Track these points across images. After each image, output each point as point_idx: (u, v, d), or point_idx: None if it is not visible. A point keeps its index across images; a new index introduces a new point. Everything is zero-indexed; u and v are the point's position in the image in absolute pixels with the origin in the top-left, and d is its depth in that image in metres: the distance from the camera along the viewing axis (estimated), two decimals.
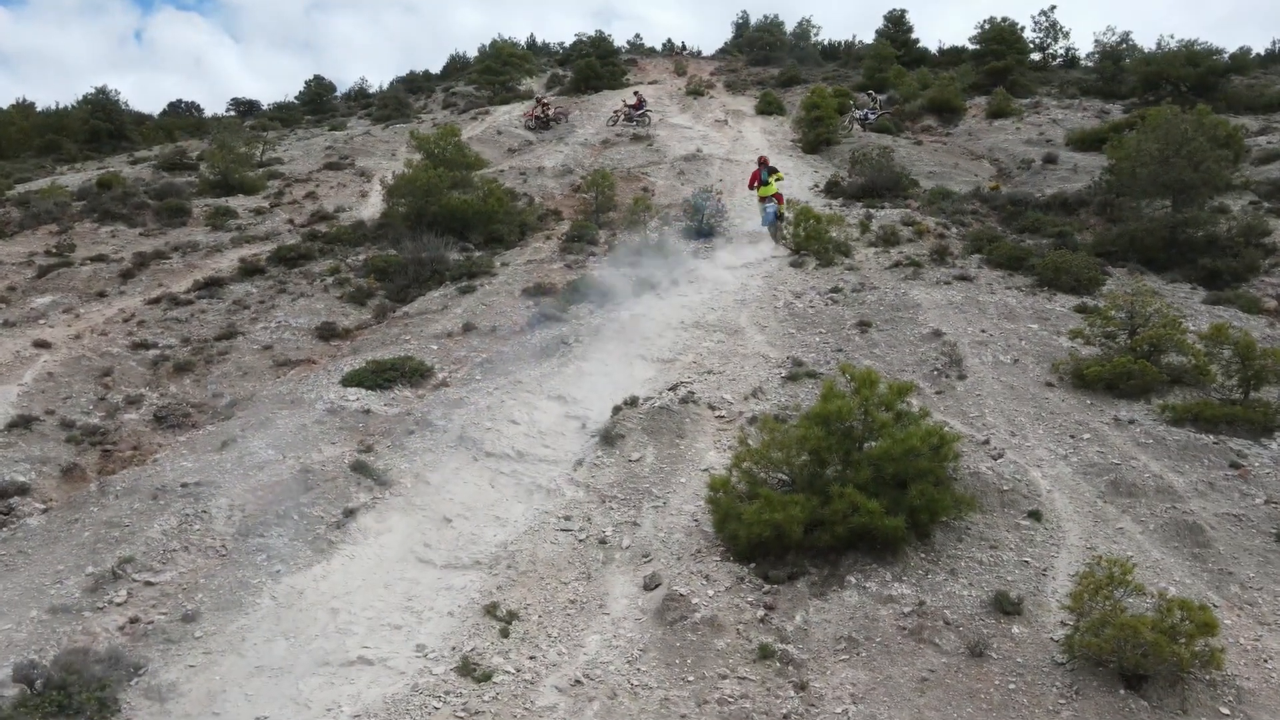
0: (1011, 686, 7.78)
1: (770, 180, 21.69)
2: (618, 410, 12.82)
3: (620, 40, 57.09)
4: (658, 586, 9.41)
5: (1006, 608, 8.59)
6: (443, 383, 15.21)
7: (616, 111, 37.53)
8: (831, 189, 25.95)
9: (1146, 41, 53.57)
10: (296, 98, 54.29)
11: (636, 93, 38.36)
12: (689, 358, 15.18)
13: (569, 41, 58.54)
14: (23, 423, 14.14)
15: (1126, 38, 39.70)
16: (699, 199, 22.23)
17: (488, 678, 8.15)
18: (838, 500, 9.31)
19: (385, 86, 58.10)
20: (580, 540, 10.35)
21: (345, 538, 10.44)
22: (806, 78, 44.27)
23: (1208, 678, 7.72)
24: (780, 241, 20.05)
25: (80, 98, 54.48)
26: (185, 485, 11.52)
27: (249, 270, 20.87)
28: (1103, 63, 39.41)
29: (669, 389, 13.70)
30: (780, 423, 11.05)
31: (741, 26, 62.06)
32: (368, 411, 14.00)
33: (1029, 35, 44.93)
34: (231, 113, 56.47)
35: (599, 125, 37.35)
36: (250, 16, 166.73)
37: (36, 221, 26.01)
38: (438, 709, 7.78)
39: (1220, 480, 10.67)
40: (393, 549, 10.37)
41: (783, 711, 7.76)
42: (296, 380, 15.62)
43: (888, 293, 17.30)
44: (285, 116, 50.41)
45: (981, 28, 41.14)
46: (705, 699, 7.92)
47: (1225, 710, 7.48)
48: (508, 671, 8.26)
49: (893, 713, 7.64)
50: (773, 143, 34.16)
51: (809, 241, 19.68)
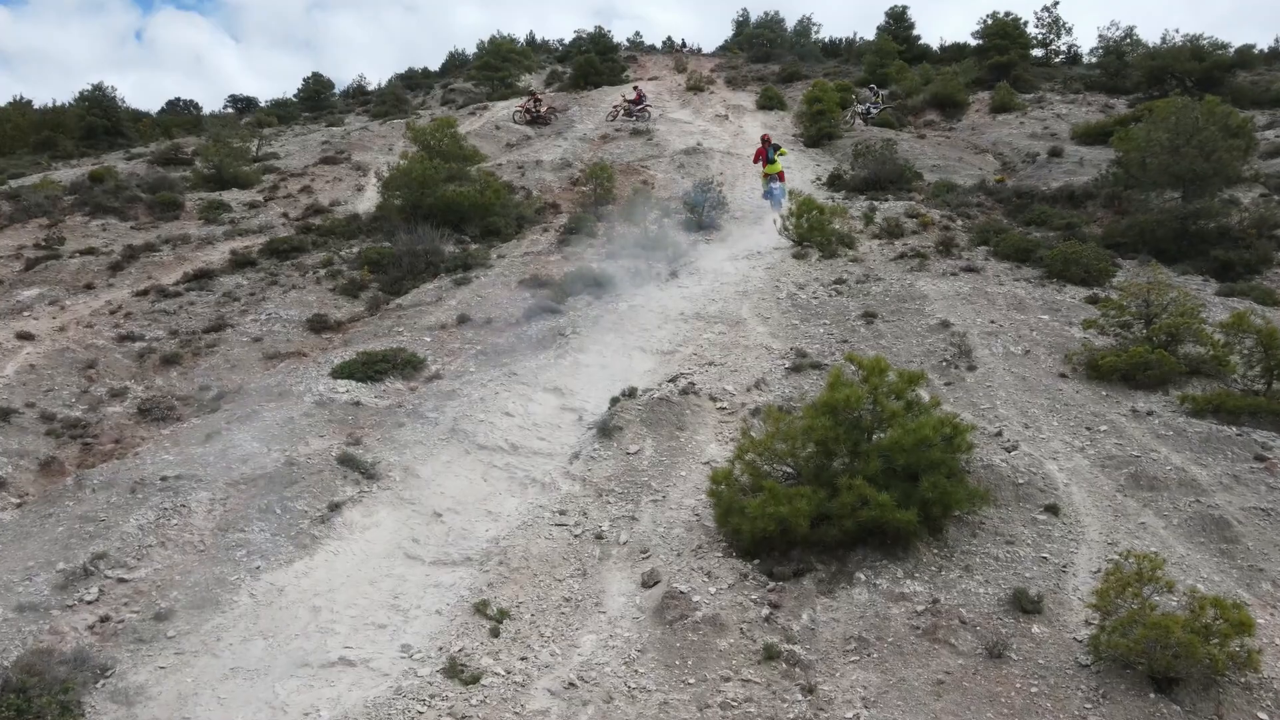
0: (1034, 690, 7.27)
1: (775, 158, 22.38)
2: (615, 402, 12.32)
3: (620, 38, 56.54)
4: (657, 584, 8.91)
5: (1026, 606, 8.08)
6: (435, 375, 14.71)
7: (616, 106, 37.06)
8: (834, 182, 25.47)
9: (1151, 37, 53.05)
10: (295, 95, 53.81)
11: (636, 88, 37.89)
12: (689, 349, 14.68)
13: (569, 39, 58.15)
14: (1, 415, 13.63)
15: (1130, 32, 39.23)
16: (699, 191, 21.72)
17: (476, 680, 7.64)
18: (846, 493, 8.81)
19: (384, 84, 57.66)
20: (576, 535, 9.85)
21: (330, 533, 9.94)
22: (807, 74, 43.79)
23: (1243, 680, 7.21)
24: (783, 232, 19.54)
25: (77, 94, 54.03)
26: (165, 479, 11.02)
27: (240, 262, 20.37)
28: (1106, 58, 38.91)
29: (669, 380, 13.19)
30: (785, 413, 10.55)
31: (742, 24, 61.53)
32: (357, 404, 13.50)
33: (1031, 31, 44.45)
34: (229, 109, 56.04)
35: (598, 120, 36.88)
36: (250, 16, 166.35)
37: (27, 215, 25.50)
38: (422, 713, 7.28)
39: (1245, 473, 10.16)
40: (379, 544, 9.87)
41: (790, 716, 7.26)
42: (285, 372, 15.12)
43: (893, 284, 16.80)
44: (282, 113, 49.93)
45: (984, 22, 40.64)
46: (707, 703, 7.41)
47: (1263, 715, 6.98)
48: (497, 673, 7.76)
49: (907, 717, 7.14)
50: (775, 137, 33.62)
51: (812, 233, 19.17)
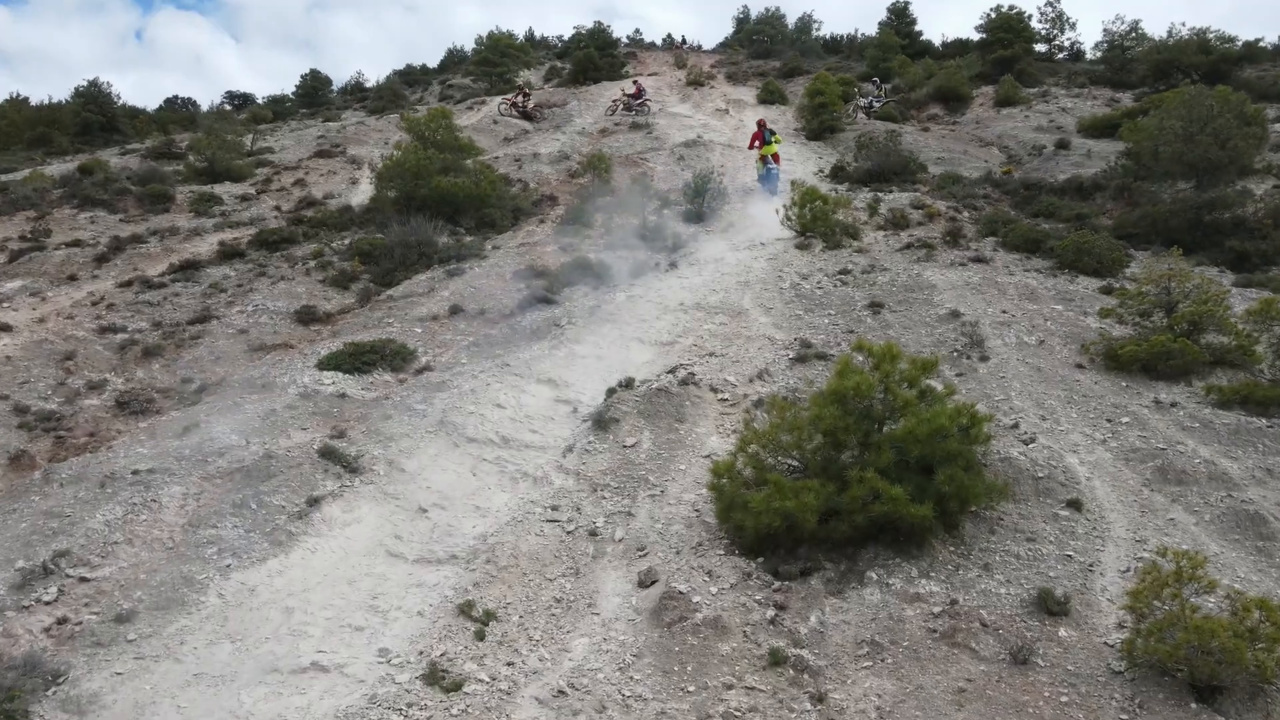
0: (1064, 699, 6.66)
1: (771, 140, 23.48)
2: (612, 393, 11.72)
3: (620, 36, 55.90)
4: (654, 583, 8.30)
5: (1052, 607, 7.47)
6: (426, 366, 14.10)
7: (615, 101, 36.44)
8: (837, 174, 24.85)
9: (1156, 30, 52.31)
10: (293, 92, 53.19)
11: (636, 81, 37.28)
12: (689, 340, 14.07)
13: (569, 35, 57.58)
14: None
15: (1135, 26, 38.60)
16: (700, 181, 21.10)
17: (458, 687, 7.04)
18: (856, 486, 8.20)
19: (383, 80, 57.01)
20: (568, 532, 9.24)
21: (307, 529, 9.33)
22: (809, 69, 43.12)
23: None
24: (785, 222, 18.91)
25: (72, 91, 53.44)
26: (137, 472, 10.41)
27: (228, 254, 19.76)
28: (1111, 52, 38.28)
29: (668, 371, 12.60)
30: (790, 404, 9.93)
31: (742, 22, 60.92)
32: (343, 396, 12.91)
33: (1035, 26, 43.83)
34: (225, 105, 55.44)
35: (597, 114, 36.25)
36: (250, 15, 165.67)
37: (14, 208, 24.89)
38: None
39: (1279, 467, 9.55)
40: (360, 541, 9.26)
41: None
42: (270, 364, 14.51)
43: (900, 274, 16.19)
44: (279, 109, 49.31)
45: (987, 16, 40.01)
46: (708, 712, 6.81)
47: None
48: (481, 680, 7.15)
49: None
50: (775, 129, 33.00)
51: (815, 224, 18.56)
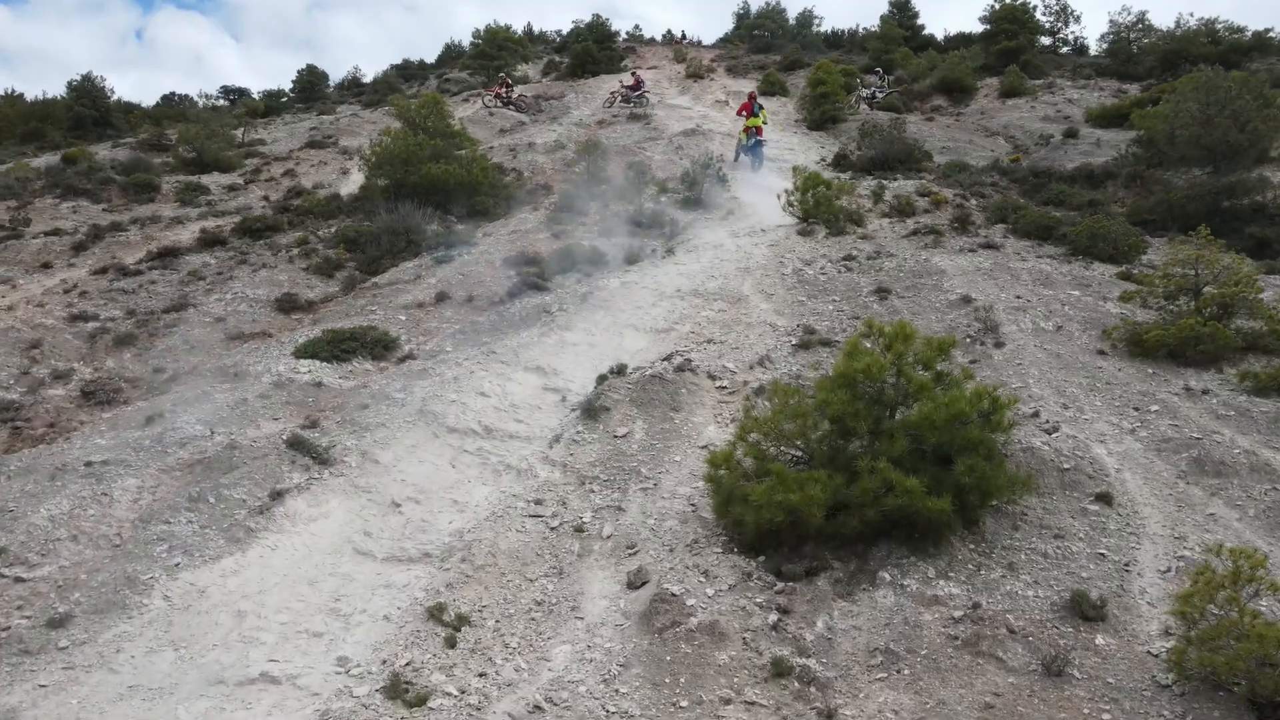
0: (1105, 715, 5.86)
1: (759, 114, 23.77)
2: (603, 380, 10.92)
3: (619, 30, 55.04)
4: (644, 584, 7.50)
5: (1087, 612, 6.66)
6: (408, 354, 13.31)
7: (613, 93, 35.61)
8: (840, 162, 24.03)
9: (1163, 22, 51.26)
10: (290, 87, 52.41)
11: (634, 73, 36.46)
12: (686, 327, 13.26)
13: (569, 25, 56.84)
14: None
15: (1142, 18, 37.78)
16: (699, 167, 20.30)
17: (422, 701, 6.23)
18: (867, 477, 7.40)
19: (379, 75, 56.20)
20: (552, 528, 8.43)
21: (268, 525, 8.53)
22: (809, 62, 42.29)
23: None
24: (786, 208, 18.10)
25: (66, 83, 52.67)
26: (90, 464, 9.62)
27: (209, 241, 18.97)
28: (1118, 43, 37.47)
29: (663, 359, 11.80)
30: (793, 389, 9.12)
31: (743, 17, 60.12)
32: (319, 385, 12.11)
33: (1040, 18, 43.02)
34: (221, 99, 54.66)
35: (595, 106, 35.43)
36: (251, 15, 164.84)
37: None
38: None
39: None
40: (325, 538, 8.46)
41: None
42: (245, 353, 13.71)
43: (907, 259, 15.38)
44: (274, 104, 48.52)
45: (991, 8, 39.19)
46: None
47: None
48: (449, 693, 6.35)
49: None
50: (776, 122, 32.13)
51: (818, 210, 17.76)
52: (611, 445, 9.72)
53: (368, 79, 55.39)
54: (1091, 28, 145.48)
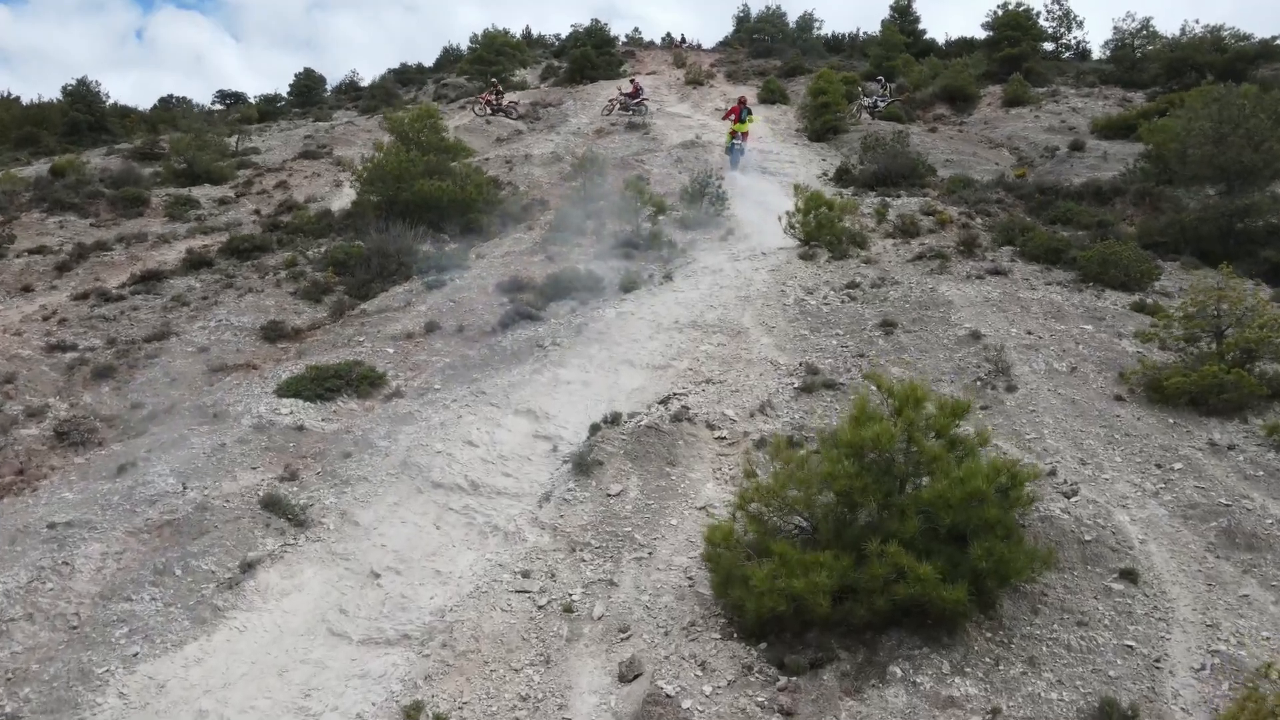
0: None
1: (746, 119, 24.61)
2: (596, 429, 10.32)
3: (619, 35, 54.34)
4: (637, 677, 6.92)
5: None
6: (396, 392, 12.74)
7: (612, 100, 34.97)
8: (841, 177, 23.42)
9: (1166, 28, 50.56)
10: (287, 91, 51.75)
11: (633, 80, 35.81)
12: (684, 363, 12.67)
13: (568, 29, 56.21)
14: None
15: (1146, 24, 37.10)
16: (698, 185, 19.70)
17: None
18: (877, 562, 6.82)
19: (377, 79, 55.53)
20: (540, 607, 7.85)
21: (238, 601, 7.95)
22: (810, 68, 41.64)
23: None
24: (787, 230, 17.52)
25: (61, 88, 52.10)
26: (53, 526, 9.04)
27: (195, 263, 18.36)
28: (1122, 50, 36.80)
29: (659, 402, 11.22)
30: (795, 447, 8.55)
31: (743, 20, 59.40)
32: (301, 428, 11.53)
33: (1043, 24, 42.36)
34: (217, 104, 54.03)
35: (593, 114, 34.80)
36: (251, 15, 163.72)
37: None
38: None
39: None
40: (299, 616, 7.88)
41: None
42: (226, 389, 13.13)
43: (913, 288, 14.78)
44: (271, 109, 47.88)
45: (994, 14, 38.52)
46: None
47: None
48: None
49: None
50: (776, 131, 31.61)
51: (820, 231, 17.16)
52: (604, 506, 9.14)
53: (365, 83, 54.80)
54: (1094, 32, 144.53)
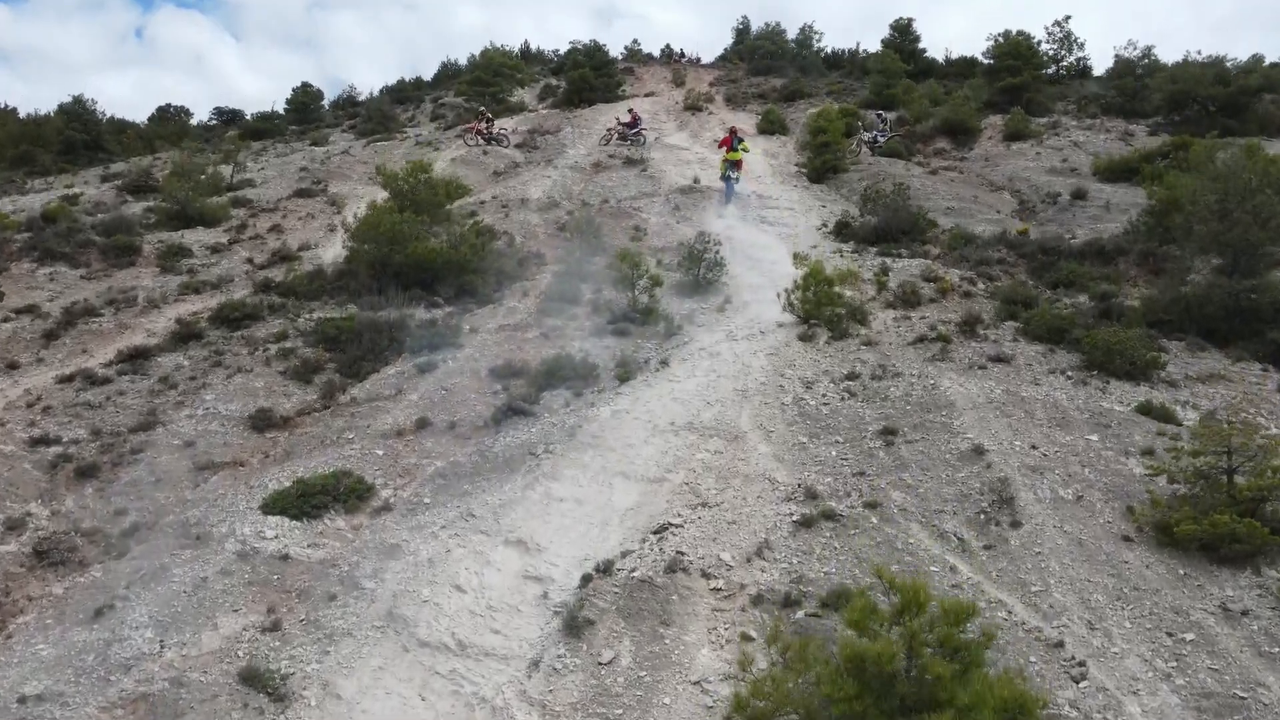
0: None
1: (738, 148, 25.85)
2: (588, 581, 9.94)
3: (617, 44, 53.82)
4: None
5: None
6: (385, 505, 12.36)
7: (610, 130, 34.51)
8: (841, 230, 22.96)
9: (1164, 47, 50.04)
10: (284, 105, 51.07)
11: (631, 110, 35.29)
12: (679, 476, 12.28)
13: (566, 45, 55.69)
14: None
15: (1148, 52, 36.56)
16: (696, 252, 19.26)
17: None
18: None
19: (375, 93, 54.96)
20: None
21: None
22: (810, 91, 41.13)
23: None
24: (786, 308, 17.11)
25: (57, 105, 51.57)
26: (24, 700, 8.66)
27: (184, 335, 17.89)
28: (1123, 79, 36.24)
29: (653, 532, 10.84)
30: (793, 607, 8.17)
31: (742, 32, 58.77)
32: (285, 557, 11.15)
33: (1043, 47, 41.81)
34: (214, 121, 53.49)
35: (591, 144, 34.31)
36: (251, 14, 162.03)
37: None
38: None
39: None
40: None
41: None
42: (210, 502, 12.72)
43: (914, 384, 14.36)
44: (268, 127, 47.27)
45: (995, 41, 37.96)
46: None
47: None
48: None
49: None
50: (775, 166, 31.15)
51: (819, 309, 16.74)
52: (596, 679, 8.75)
53: (363, 95, 54.21)
54: (1094, 49, 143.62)
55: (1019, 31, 38.50)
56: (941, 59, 47.94)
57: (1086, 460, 12.04)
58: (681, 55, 55.33)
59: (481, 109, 37.15)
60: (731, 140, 26.40)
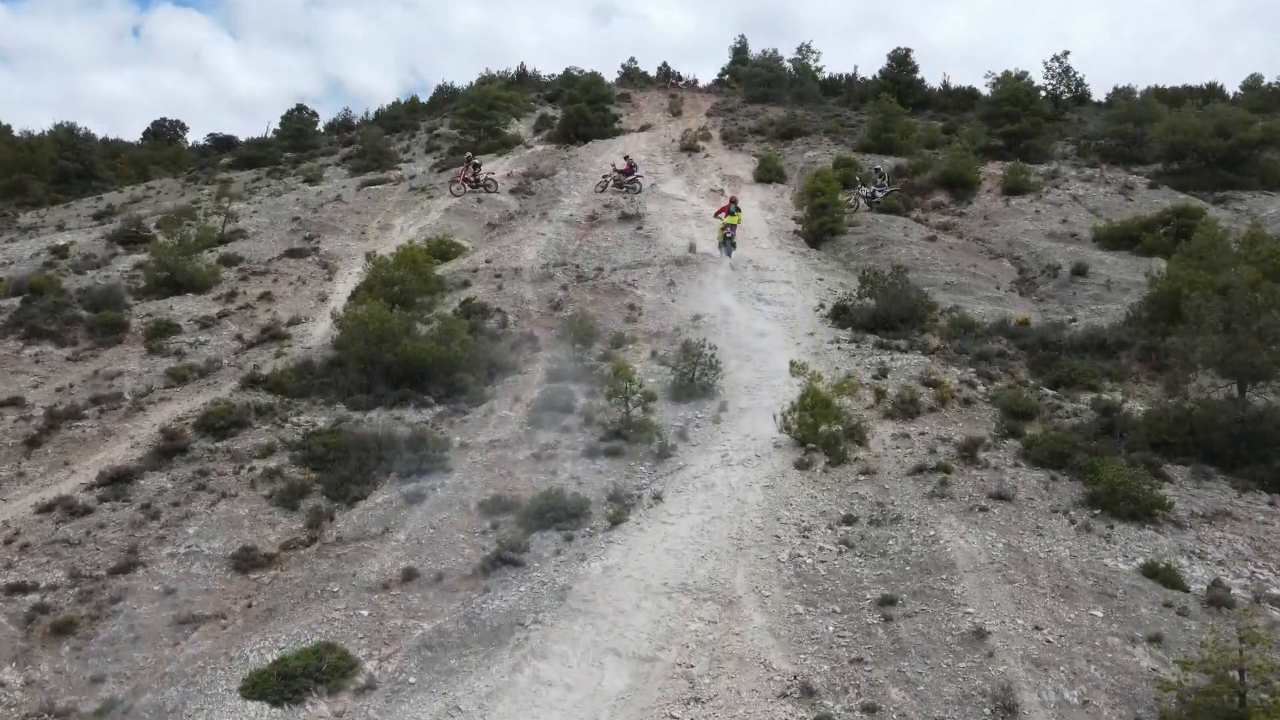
0: None
1: (735, 214, 26.35)
2: None
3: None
4: None
5: None
6: (369, 684, 11.87)
7: (606, 177, 33.94)
8: (839, 315, 22.39)
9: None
10: (279, 123, 50.33)
11: (627, 156, 34.66)
12: (672, 654, 11.77)
13: (564, 64, 54.87)
14: None
15: (1147, 99, 35.86)
16: (690, 360, 18.70)
17: None
18: None
19: (369, 113, 54.25)
20: None
21: None
22: (808, 128, 40.46)
23: None
24: (783, 430, 16.57)
25: (53, 126, 50.86)
26: None
27: (168, 450, 17.32)
28: (1123, 124, 35.63)
29: None
30: None
31: (739, 50, 58.04)
32: None
33: (1041, 81, 41.22)
34: (207, 143, 52.75)
35: (586, 191, 33.74)
36: (249, 13, 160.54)
37: None
38: None
39: None
40: None
41: None
42: (189, 677, 12.20)
43: (914, 535, 13.83)
44: (262, 154, 46.53)
45: (993, 81, 37.35)
46: None
47: None
48: None
49: None
50: (772, 221, 30.61)
51: (816, 432, 16.21)
52: None
53: (358, 116, 53.49)
54: (1094, 50, 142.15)
55: (1019, 73, 37.87)
56: (939, 84, 47.37)
57: (1092, 651, 11.51)
58: (679, 79, 54.54)
59: (468, 155, 36.47)
60: (729, 207, 26.72)
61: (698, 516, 14.63)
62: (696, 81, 54.51)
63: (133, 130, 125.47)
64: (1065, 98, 41.66)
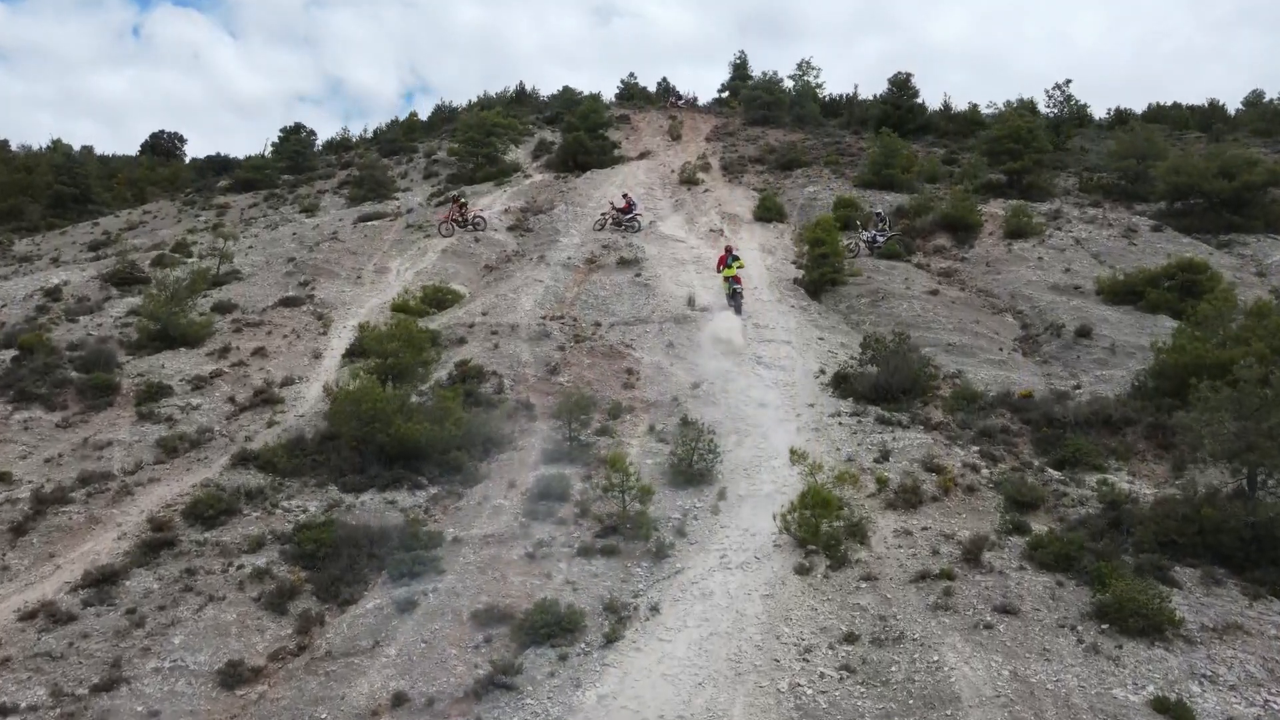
0: None
1: (733, 265, 26.15)
2: None
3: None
4: None
5: None
6: None
7: (604, 215, 33.38)
8: (840, 384, 21.85)
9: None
10: (272, 150, 49.62)
11: (626, 195, 34.04)
12: None
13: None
14: None
15: (1150, 138, 35.16)
16: (689, 446, 18.20)
17: None
18: None
19: (368, 132, 53.60)
20: None
21: None
22: (808, 158, 39.81)
23: None
24: (783, 530, 16.09)
25: (50, 142, 50.27)
26: None
27: (155, 544, 16.82)
28: (1125, 160, 35.01)
29: None
30: None
31: (739, 66, 57.31)
32: None
33: (1043, 109, 40.57)
34: (205, 166, 52.07)
35: (585, 230, 33.16)
36: (248, 13, 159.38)
37: None
38: None
39: None
40: None
41: None
42: None
43: (917, 663, 13.34)
44: (259, 178, 45.86)
45: (995, 115, 36.67)
46: None
47: None
48: None
49: None
50: (772, 267, 30.06)
51: (817, 533, 15.72)
52: None
53: (358, 130, 52.82)
54: (1094, 50, 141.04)
55: (1020, 103, 37.23)
56: (940, 105, 46.70)
57: None
58: (678, 97, 53.82)
59: (455, 193, 35.86)
60: (726, 259, 26.46)
61: (695, 631, 14.15)
62: (696, 99, 53.82)
63: (132, 131, 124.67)
64: (1066, 122, 40.96)
